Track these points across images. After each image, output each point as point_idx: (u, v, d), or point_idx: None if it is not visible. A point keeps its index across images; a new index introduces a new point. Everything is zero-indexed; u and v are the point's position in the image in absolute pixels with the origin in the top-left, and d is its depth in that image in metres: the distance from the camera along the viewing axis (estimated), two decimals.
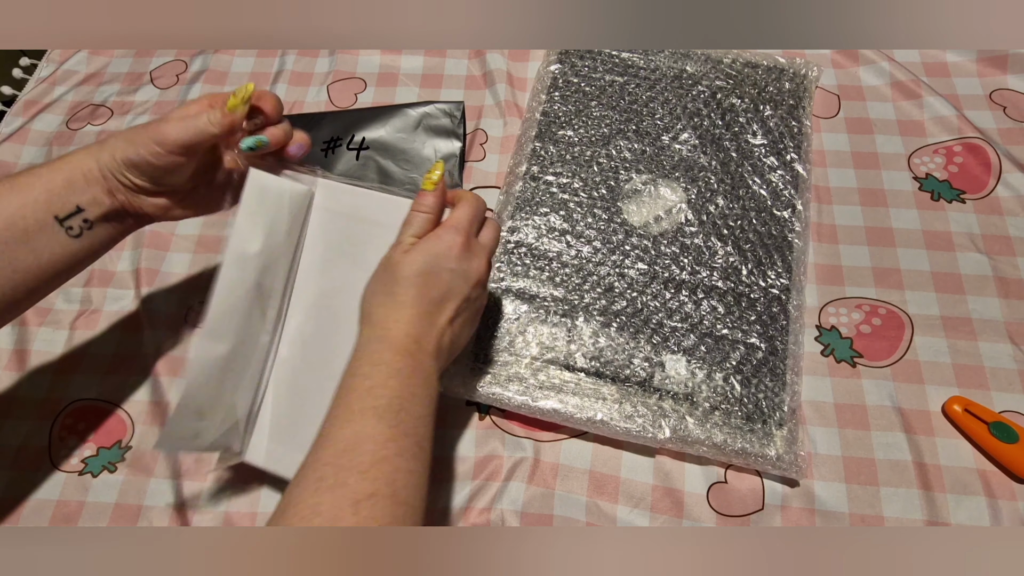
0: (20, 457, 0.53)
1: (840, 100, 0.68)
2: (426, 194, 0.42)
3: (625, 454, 0.52)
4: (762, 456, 0.50)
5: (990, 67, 0.68)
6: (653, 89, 0.66)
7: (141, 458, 0.53)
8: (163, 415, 0.55)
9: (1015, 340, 0.54)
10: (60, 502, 0.51)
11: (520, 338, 0.54)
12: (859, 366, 0.55)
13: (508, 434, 0.53)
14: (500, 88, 0.68)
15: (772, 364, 0.53)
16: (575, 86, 0.66)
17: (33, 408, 0.55)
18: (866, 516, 0.49)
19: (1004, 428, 0.50)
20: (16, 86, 0.78)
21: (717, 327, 0.54)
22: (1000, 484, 0.50)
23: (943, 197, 0.61)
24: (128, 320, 0.59)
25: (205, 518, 0.50)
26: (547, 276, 0.57)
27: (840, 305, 0.57)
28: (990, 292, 0.57)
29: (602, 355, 0.54)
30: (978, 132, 0.63)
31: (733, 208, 0.59)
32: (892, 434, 0.52)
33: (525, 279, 0.57)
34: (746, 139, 0.62)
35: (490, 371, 0.53)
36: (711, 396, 0.52)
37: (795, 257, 0.57)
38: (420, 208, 0.42)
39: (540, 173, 0.62)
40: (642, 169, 0.61)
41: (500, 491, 0.51)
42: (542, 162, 0.62)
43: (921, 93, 0.66)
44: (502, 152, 0.66)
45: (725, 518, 0.50)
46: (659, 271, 0.57)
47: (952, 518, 0.48)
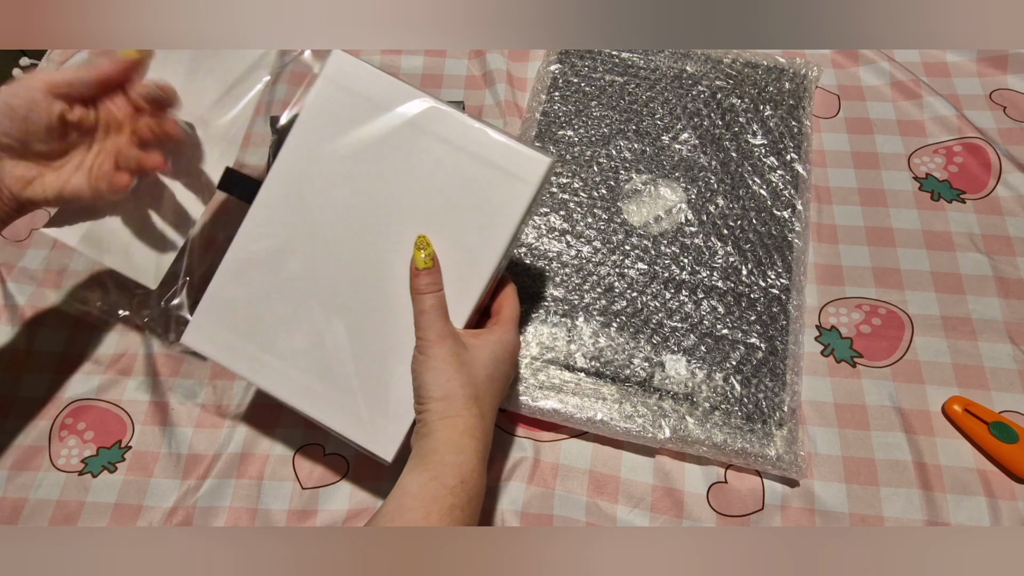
0: (20, 457, 0.53)
1: (840, 100, 0.68)
2: (428, 272, 0.41)
3: (625, 454, 0.52)
4: (762, 456, 0.50)
5: (990, 67, 0.68)
6: (653, 89, 0.66)
7: (141, 458, 0.53)
8: (163, 415, 0.55)
9: (1015, 340, 0.54)
10: (60, 502, 0.51)
11: (520, 338, 0.54)
12: (859, 366, 0.55)
13: (508, 434, 0.53)
14: (500, 88, 0.68)
15: (772, 364, 0.53)
16: (575, 86, 0.66)
17: (33, 408, 0.55)
18: (866, 516, 0.49)
19: (1004, 428, 0.50)
20: None
21: (717, 327, 0.54)
22: (1000, 484, 0.50)
23: (943, 197, 0.61)
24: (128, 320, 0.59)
25: (205, 518, 0.50)
26: (547, 276, 0.57)
27: (840, 305, 0.57)
28: (990, 292, 0.57)
29: (602, 355, 0.54)
30: (978, 132, 0.63)
31: (733, 208, 0.59)
32: (892, 434, 0.52)
33: (525, 279, 0.57)
34: (746, 139, 0.62)
35: None
36: (711, 396, 0.52)
37: (795, 257, 0.57)
38: (432, 288, 0.40)
39: None
40: (642, 169, 0.61)
41: (500, 491, 0.51)
42: None
43: (921, 93, 0.66)
44: None
45: (725, 518, 0.50)
46: (659, 271, 0.57)
47: (952, 518, 0.48)
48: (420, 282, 0.40)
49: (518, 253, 0.58)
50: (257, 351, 0.44)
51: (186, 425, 0.54)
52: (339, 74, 0.43)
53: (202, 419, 0.54)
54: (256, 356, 0.44)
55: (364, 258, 0.43)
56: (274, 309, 0.44)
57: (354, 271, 0.43)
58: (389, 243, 0.42)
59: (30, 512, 0.51)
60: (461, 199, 0.42)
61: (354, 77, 0.43)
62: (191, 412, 0.55)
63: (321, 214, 0.43)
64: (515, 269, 0.57)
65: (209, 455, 0.53)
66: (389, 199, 0.42)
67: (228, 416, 0.54)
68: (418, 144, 0.42)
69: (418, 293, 0.40)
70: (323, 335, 0.43)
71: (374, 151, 0.42)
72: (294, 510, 0.51)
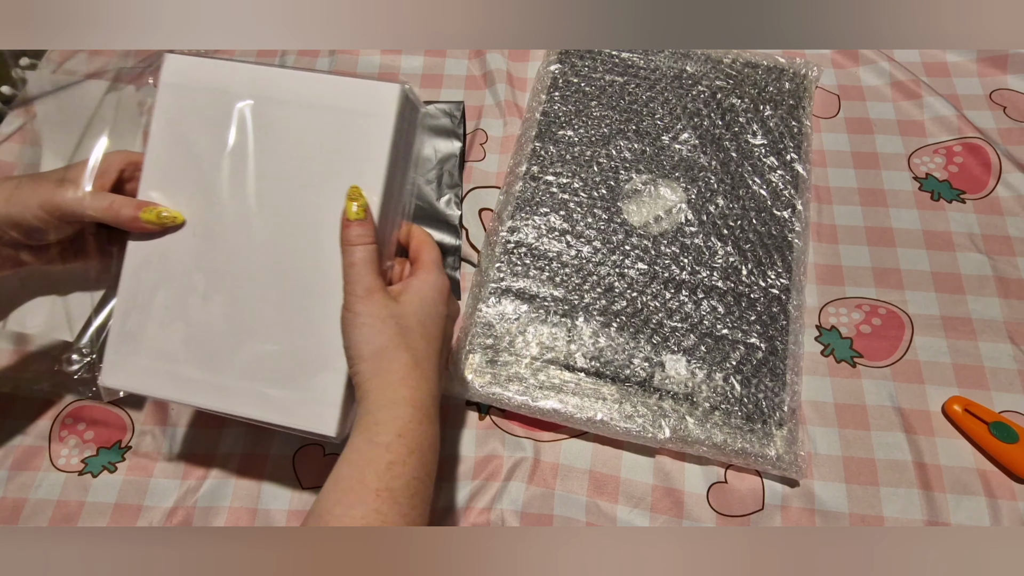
0: (20, 457, 0.53)
1: (840, 100, 0.68)
2: (360, 223, 0.39)
3: (625, 454, 0.52)
4: (762, 456, 0.50)
5: (990, 67, 0.68)
6: (653, 89, 0.66)
7: (141, 458, 0.53)
8: (163, 415, 0.55)
9: (1015, 340, 0.54)
10: (60, 502, 0.51)
11: (520, 338, 0.54)
12: (859, 366, 0.55)
13: (508, 434, 0.53)
14: (500, 88, 0.68)
15: (772, 364, 0.53)
16: (575, 86, 0.66)
17: (33, 408, 0.55)
18: (866, 516, 0.49)
19: (1004, 428, 0.50)
20: (16, 86, 0.78)
21: (717, 327, 0.54)
22: (1000, 484, 0.50)
23: (943, 197, 0.61)
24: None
25: (205, 518, 0.50)
26: (547, 276, 0.57)
27: (840, 305, 0.57)
28: (990, 292, 0.57)
29: (602, 355, 0.54)
30: (978, 132, 0.63)
31: (733, 208, 0.59)
32: (892, 434, 0.52)
33: (525, 279, 0.57)
34: (746, 139, 0.62)
35: (490, 371, 0.53)
36: (711, 396, 0.52)
37: (795, 257, 0.57)
38: (363, 240, 0.39)
39: (540, 173, 0.62)
40: (642, 169, 0.61)
41: (500, 491, 0.51)
42: (542, 162, 0.62)
43: (921, 93, 0.66)
44: (502, 152, 0.66)
45: (725, 518, 0.50)
46: (659, 271, 0.57)
47: (952, 518, 0.48)
48: (351, 233, 0.39)
49: (518, 253, 0.58)
50: (177, 368, 0.42)
51: (186, 425, 0.54)
52: (177, 76, 0.42)
53: (202, 419, 0.54)
54: (178, 374, 0.42)
55: (258, 245, 0.42)
56: (181, 322, 0.43)
57: (251, 260, 0.42)
58: (277, 223, 0.42)
59: (30, 512, 0.51)
60: (330, 154, 0.41)
61: (192, 75, 0.42)
62: (191, 412, 0.55)
63: (205, 214, 0.42)
64: (515, 269, 0.57)
65: (209, 455, 0.53)
66: (264, 179, 0.42)
67: None
68: (273, 115, 0.42)
69: (348, 244, 0.39)
70: (237, 334, 0.42)
71: (236, 138, 0.42)
72: (294, 510, 0.51)
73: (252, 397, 0.42)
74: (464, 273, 0.60)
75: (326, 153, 0.41)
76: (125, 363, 0.43)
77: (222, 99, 0.42)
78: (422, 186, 0.63)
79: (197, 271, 0.42)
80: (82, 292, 0.47)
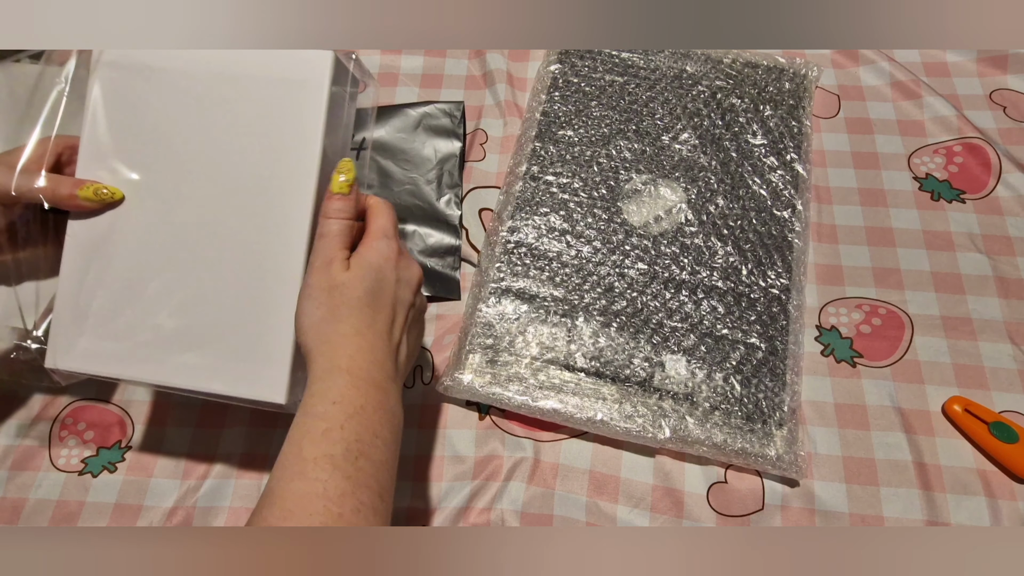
0: (20, 457, 0.53)
1: (840, 100, 0.68)
2: (342, 197, 0.39)
3: (625, 454, 0.52)
4: (762, 456, 0.50)
5: (990, 67, 0.68)
6: (653, 89, 0.66)
7: (141, 458, 0.53)
8: (163, 415, 0.55)
9: (1015, 340, 0.54)
10: (60, 502, 0.51)
11: (520, 338, 0.54)
12: (859, 366, 0.55)
13: (508, 434, 0.53)
14: (500, 88, 0.68)
15: (772, 364, 0.53)
16: (575, 86, 0.66)
17: (33, 408, 0.55)
18: (866, 516, 0.49)
19: (1004, 428, 0.50)
20: None
21: (717, 327, 0.54)
22: (1000, 484, 0.50)
23: (943, 197, 0.61)
24: None
25: (205, 518, 0.50)
26: (547, 276, 0.57)
27: (840, 305, 0.57)
28: (990, 292, 0.57)
29: (602, 355, 0.54)
30: (978, 132, 0.63)
31: (733, 208, 0.59)
32: (892, 434, 0.52)
33: (525, 279, 0.57)
34: (746, 139, 0.62)
35: (490, 371, 0.53)
36: (711, 396, 0.52)
37: (795, 257, 0.57)
38: (340, 215, 0.39)
39: (540, 173, 0.62)
40: (642, 169, 0.61)
41: (500, 491, 0.51)
42: (542, 162, 0.62)
43: (921, 93, 0.66)
44: (502, 152, 0.66)
45: (725, 518, 0.50)
46: (659, 271, 0.57)
47: (952, 518, 0.48)
48: (330, 206, 0.39)
49: (518, 253, 0.58)
50: (123, 346, 0.42)
51: (186, 425, 0.54)
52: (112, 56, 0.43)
53: (202, 419, 0.54)
54: (123, 352, 0.42)
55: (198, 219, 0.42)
56: (125, 299, 0.42)
57: (192, 235, 0.42)
58: (217, 196, 0.42)
59: (30, 512, 0.51)
60: (267, 124, 0.41)
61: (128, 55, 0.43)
62: (191, 412, 0.55)
63: (144, 191, 0.42)
64: (515, 269, 0.57)
65: (209, 455, 0.53)
66: (202, 153, 0.42)
67: (228, 416, 0.54)
68: (208, 90, 0.42)
69: (324, 216, 0.39)
70: (182, 309, 0.42)
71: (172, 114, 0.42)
72: None
73: (200, 371, 0.42)
74: (464, 273, 0.60)
75: (262, 123, 0.42)
76: (70, 344, 0.43)
77: (157, 77, 0.42)
78: (422, 186, 0.63)
79: (139, 247, 0.42)
80: (34, 280, 0.47)
